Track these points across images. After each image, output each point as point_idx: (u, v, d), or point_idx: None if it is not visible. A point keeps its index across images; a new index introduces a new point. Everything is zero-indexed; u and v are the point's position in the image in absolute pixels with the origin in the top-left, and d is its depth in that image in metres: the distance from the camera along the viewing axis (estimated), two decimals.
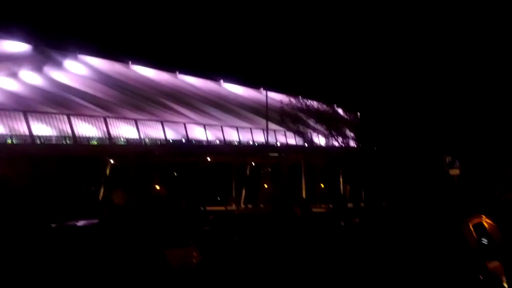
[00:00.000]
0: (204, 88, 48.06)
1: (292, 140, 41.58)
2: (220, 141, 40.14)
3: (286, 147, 42.12)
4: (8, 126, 32.01)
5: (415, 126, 32.51)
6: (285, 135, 42.01)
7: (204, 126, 40.08)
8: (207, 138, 39.81)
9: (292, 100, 37.69)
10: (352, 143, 38.67)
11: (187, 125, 39.37)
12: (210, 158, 39.56)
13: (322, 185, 42.78)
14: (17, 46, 37.40)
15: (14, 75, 36.53)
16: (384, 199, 29.93)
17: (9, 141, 30.90)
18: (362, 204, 33.69)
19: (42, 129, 32.41)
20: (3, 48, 35.98)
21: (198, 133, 40.70)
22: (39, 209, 23.56)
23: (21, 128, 31.23)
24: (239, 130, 41.33)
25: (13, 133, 31.56)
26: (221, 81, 50.53)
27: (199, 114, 42.73)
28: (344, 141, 38.69)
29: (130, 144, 35.60)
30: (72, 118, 33.21)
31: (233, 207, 36.22)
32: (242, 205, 39.52)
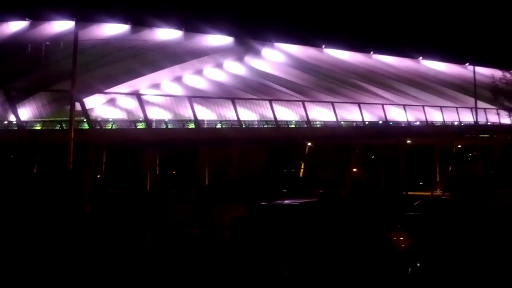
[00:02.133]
0: (400, 67, 46.48)
1: (506, 119, 37.60)
2: (421, 122, 38.43)
3: (499, 127, 38.26)
4: (217, 112, 35.70)
5: None
6: (498, 114, 38.15)
7: (404, 106, 38.84)
8: (407, 119, 38.54)
9: (507, 74, 34.00)
10: None
11: (384, 107, 38.69)
12: (410, 140, 38.18)
13: None
14: (222, 39, 41.14)
15: (220, 66, 40.34)
16: None
17: (218, 125, 34.45)
18: None
19: (246, 114, 35.38)
20: (210, 42, 40.01)
21: (396, 114, 39.66)
22: (248, 189, 25.56)
23: (228, 113, 34.54)
24: (443, 110, 38.99)
25: (221, 119, 35.10)
26: (420, 58, 48.18)
27: (397, 94, 41.58)
28: None
29: (327, 127, 36.54)
30: (273, 104, 35.46)
31: (439, 192, 34.42)
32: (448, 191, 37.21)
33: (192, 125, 32.16)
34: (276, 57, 44.31)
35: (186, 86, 37.66)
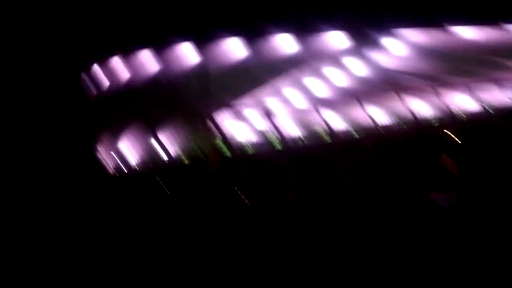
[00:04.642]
0: None
1: None
2: None
3: None
4: (346, 114, 34.35)
5: None
6: None
7: None
8: None
9: None
10: None
11: None
12: None
13: None
14: (337, 36, 39.68)
15: (339, 64, 38.94)
16: None
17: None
18: None
19: (376, 112, 33.73)
20: (326, 41, 38.75)
21: None
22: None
23: (359, 115, 33.16)
24: None
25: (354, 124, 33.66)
26: None
27: None
28: None
29: (471, 116, 33.90)
30: (402, 95, 33.53)
31: None
32: None
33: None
34: (396, 46, 41.89)
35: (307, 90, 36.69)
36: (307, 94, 36.09)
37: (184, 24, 29.60)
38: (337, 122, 32.50)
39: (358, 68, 39.19)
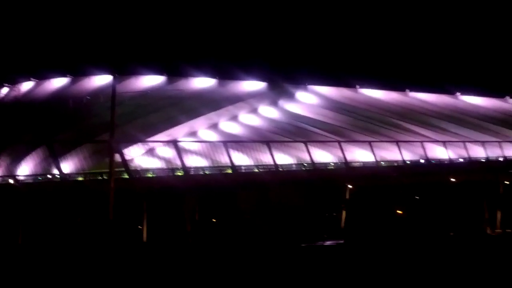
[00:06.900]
0: (438, 104, 46.36)
1: None
2: (463, 158, 37.95)
3: None
4: (254, 157, 36.26)
5: None
6: None
7: (444, 143, 38.53)
8: (448, 156, 38.16)
9: None
10: None
11: (424, 144, 38.46)
12: (453, 177, 37.63)
13: None
14: (255, 85, 42.27)
15: (254, 111, 41.25)
16: None
17: (255, 170, 34.92)
18: None
19: (282, 157, 35.79)
20: (244, 88, 41.14)
21: (437, 151, 39.33)
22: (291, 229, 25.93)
23: (265, 158, 35.03)
24: (485, 145, 38.50)
25: (258, 163, 35.57)
26: (458, 94, 47.97)
27: (436, 131, 41.35)
28: None
29: (366, 168, 36.43)
30: (308, 146, 35.80)
31: (488, 231, 33.57)
32: (499, 229, 36.23)
33: (229, 171, 32.76)
34: (310, 99, 44.98)
35: (222, 132, 38.60)
36: (220, 134, 38.00)
37: (104, 57, 30.99)
38: (243, 160, 34.32)
39: (272, 115, 41.71)
